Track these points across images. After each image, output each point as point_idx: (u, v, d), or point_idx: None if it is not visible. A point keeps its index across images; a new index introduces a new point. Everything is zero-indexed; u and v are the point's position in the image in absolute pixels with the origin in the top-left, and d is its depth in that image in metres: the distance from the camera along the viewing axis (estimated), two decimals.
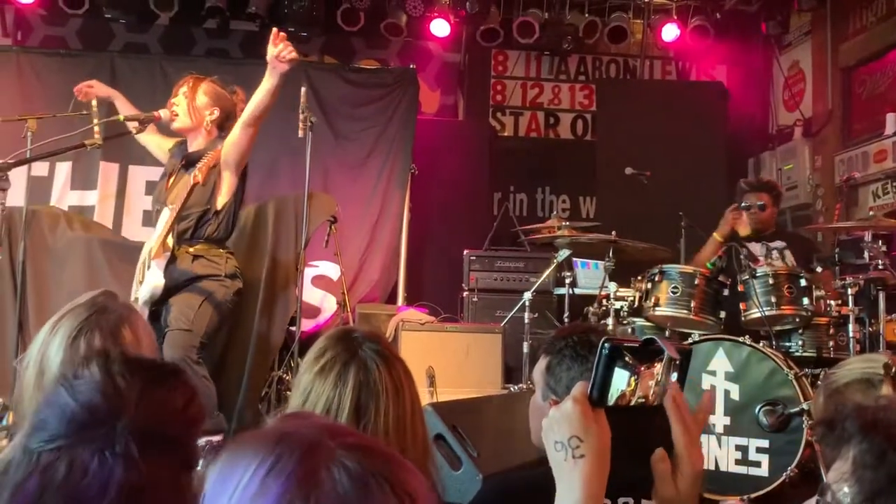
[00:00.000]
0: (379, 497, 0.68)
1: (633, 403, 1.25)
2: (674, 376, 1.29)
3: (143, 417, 0.97)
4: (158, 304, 3.50)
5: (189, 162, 3.61)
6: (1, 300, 4.20)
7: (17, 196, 4.05)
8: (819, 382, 3.43)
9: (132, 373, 1.01)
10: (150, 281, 3.41)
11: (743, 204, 4.41)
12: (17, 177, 3.60)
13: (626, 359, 1.21)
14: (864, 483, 0.92)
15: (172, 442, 0.98)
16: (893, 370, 1.65)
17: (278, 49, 3.30)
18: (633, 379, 1.22)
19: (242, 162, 3.58)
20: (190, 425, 1.02)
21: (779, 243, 4.31)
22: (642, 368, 1.23)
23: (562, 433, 1.20)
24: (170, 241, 3.45)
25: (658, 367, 1.26)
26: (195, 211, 3.53)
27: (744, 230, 4.32)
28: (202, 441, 1.34)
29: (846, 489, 0.93)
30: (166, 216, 3.47)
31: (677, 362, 1.28)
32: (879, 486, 0.91)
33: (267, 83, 3.38)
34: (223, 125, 3.65)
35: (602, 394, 1.20)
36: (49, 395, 1.01)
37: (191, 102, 3.59)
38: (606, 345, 1.20)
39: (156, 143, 3.92)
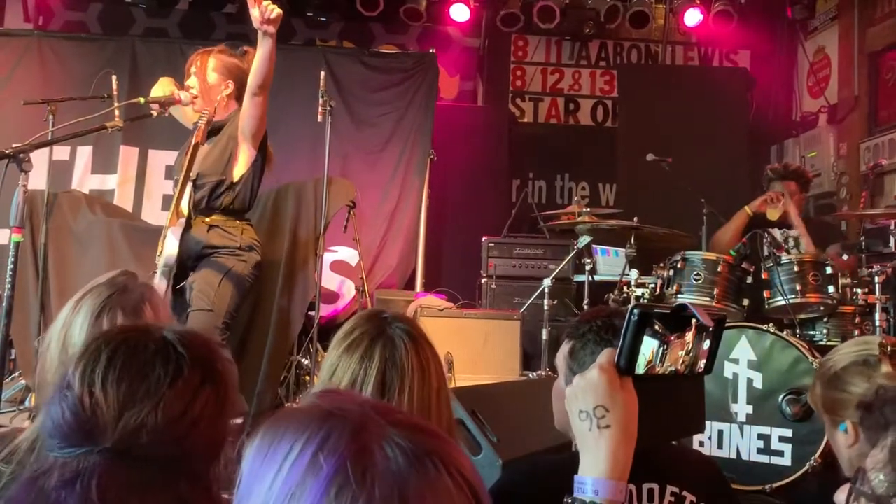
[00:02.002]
0: (434, 475, 0.67)
1: (662, 373, 1.21)
2: (706, 344, 1.24)
3: (122, 442, 0.94)
4: (181, 279, 3.50)
5: (207, 133, 3.62)
6: (23, 283, 4.23)
7: (39, 180, 4.07)
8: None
9: (117, 383, 0.97)
10: (165, 248, 3.40)
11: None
12: (39, 161, 3.62)
13: (656, 327, 1.16)
14: None
15: (163, 463, 0.95)
16: (889, 348, 1.67)
17: (260, 11, 3.23)
18: (662, 348, 1.18)
19: (259, 132, 3.56)
20: (192, 428, 0.98)
21: (795, 231, 4.24)
22: (672, 338, 1.19)
23: (587, 402, 1.15)
24: (184, 207, 3.42)
25: (689, 336, 1.22)
26: (209, 180, 3.51)
27: (772, 214, 4.25)
28: None
29: (882, 477, 0.90)
30: (180, 182, 3.45)
31: (710, 330, 1.24)
32: None
33: (261, 50, 3.34)
34: (240, 93, 3.61)
35: (630, 362, 1.16)
36: (50, 398, 0.99)
37: (203, 84, 3.57)
38: (636, 311, 1.15)
39: (185, 115, 3.91)
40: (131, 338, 1.03)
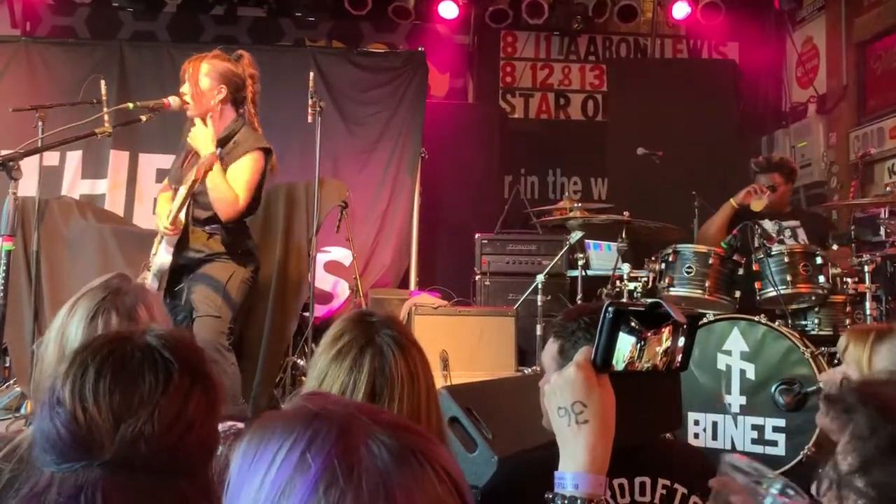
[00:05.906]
0: (418, 471, 0.70)
1: (641, 369, 1.23)
2: (681, 341, 1.26)
3: (121, 453, 0.94)
4: (176, 283, 3.50)
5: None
6: (16, 290, 4.23)
7: (29, 186, 4.06)
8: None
9: (109, 395, 0.97)
10: (158, 258, 3.41)
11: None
12: (30, 167, 3.61)
13: (632, 324, 1.18)
14: (858, 454, 0.93)
15: (162, 469, 0.96)
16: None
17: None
18: (639, 344, 1.20)
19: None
20: (187, 431, 0.99)
21: (792, 222, 4.26)
22: (649, 334, 1.21)
23: (565, 399, 1.18)
24: (182, 218, 3.41)
25: (666, 333, 1.24)
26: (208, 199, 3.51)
27: (756, 205, 4.25)
28: (225, 426, 1.33)
29: (849, 459, 0.94)
30: (182, 194, 3.42)
31: (685, 327, 1.26)
32: (870, 456, 0.92)
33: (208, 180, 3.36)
34: (236, 97, 3.58)
35: (606, 359, 1.18)
36: (39, 414, 0.99)
37: (195, 88, 3.53)
38: (610, 308, 1.17)
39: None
40: (117, 348, 1.03)
